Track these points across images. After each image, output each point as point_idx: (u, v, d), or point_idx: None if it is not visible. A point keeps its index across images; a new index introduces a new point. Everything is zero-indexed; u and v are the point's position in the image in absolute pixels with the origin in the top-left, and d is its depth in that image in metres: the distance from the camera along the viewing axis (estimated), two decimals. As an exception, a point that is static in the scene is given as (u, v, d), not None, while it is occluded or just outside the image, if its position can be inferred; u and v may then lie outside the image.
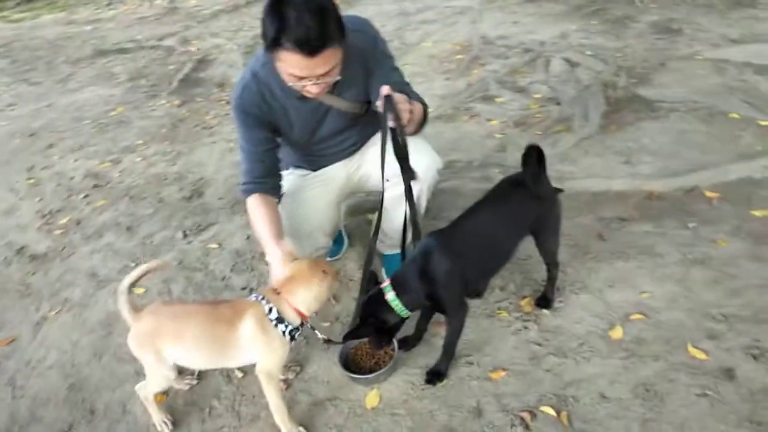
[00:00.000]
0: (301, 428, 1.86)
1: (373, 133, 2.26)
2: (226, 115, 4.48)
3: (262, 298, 1.75)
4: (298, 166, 2.32)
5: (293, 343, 1.80)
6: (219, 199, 3.26)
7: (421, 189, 2.11)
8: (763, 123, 3.23)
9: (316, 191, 2.22)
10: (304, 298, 1.75)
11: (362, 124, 2.20)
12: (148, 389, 1.85)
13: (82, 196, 3.51)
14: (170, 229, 3.04)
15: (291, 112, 2.01)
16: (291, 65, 1.68)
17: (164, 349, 1.71)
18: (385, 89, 1.75)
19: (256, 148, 1.99)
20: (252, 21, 7.05)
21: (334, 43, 1.65)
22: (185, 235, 2.97)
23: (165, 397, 2.02)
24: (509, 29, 5.32)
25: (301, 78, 1.72)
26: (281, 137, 2.12)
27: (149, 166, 3.79)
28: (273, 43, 1.64)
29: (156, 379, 1.80)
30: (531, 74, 4.33)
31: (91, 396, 2.12)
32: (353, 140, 2.25)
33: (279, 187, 2.07)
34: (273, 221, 1.93)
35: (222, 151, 3.85)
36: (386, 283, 1.84)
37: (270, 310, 1.72)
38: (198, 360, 1.79)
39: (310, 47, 1.61)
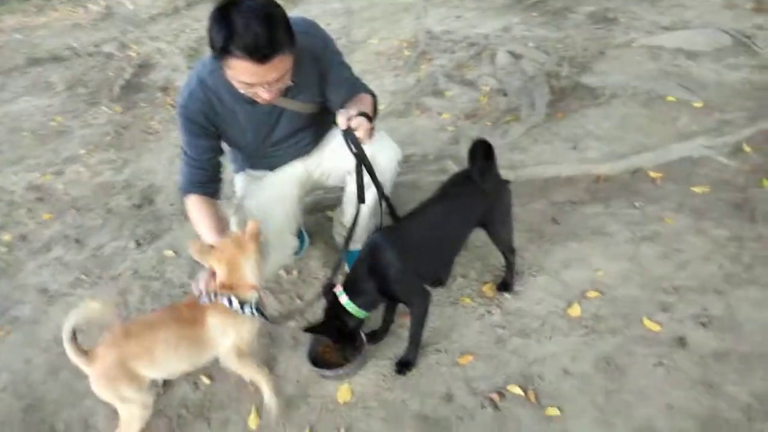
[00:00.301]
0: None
1: (329, 130, 2.27)
2: (172, 119, 4.37)
3: (215, 296, 1.72)
4: (254, 168, 2.29)
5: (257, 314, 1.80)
6: (171, 206, 3.18)
7: (383, 180, 2.11)
8: (697, 105, 3.40)
9: (277, 191, 2.20)
10: (251, 273, 1.75)
11: (317, 123, 2.19)
12: (131, 431, 1.72)
13: (25, 210, 3.35)
14: (122, 239, 2.95)
15: (242, 117, 1.98)
16: (241, 73, 1.66)
17: (140, 368, 1.65)
18: (342, 123, 1.78)
19: (199, 155, 1.97)
20: (193, 23, 6.89)
21: (284, 49, 1.64)
22: (138, 244, 2.88)
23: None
24: (453, 24, 5.40)
25: (252, 85, 1.71)
26: (231, 144, 2.10)
27: (95, 176, 3.66)
28: (222, 51, 1.62)
29: (136, 413, 1.70)
30: (477, 67, 4.41)
31: (51, 416, 2.04)
32: (309, 139, 2.24)
33: (219, 190, 2.07)
34: (214, 218, 1.93)
35: (170, 157, 3.75)
36: (339, 288, 1.86)
37: (230, 302, 1.71)
38: (176, 367, 1.75)
39: (260, 54, 1.60)
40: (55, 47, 6.68)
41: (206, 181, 2.00)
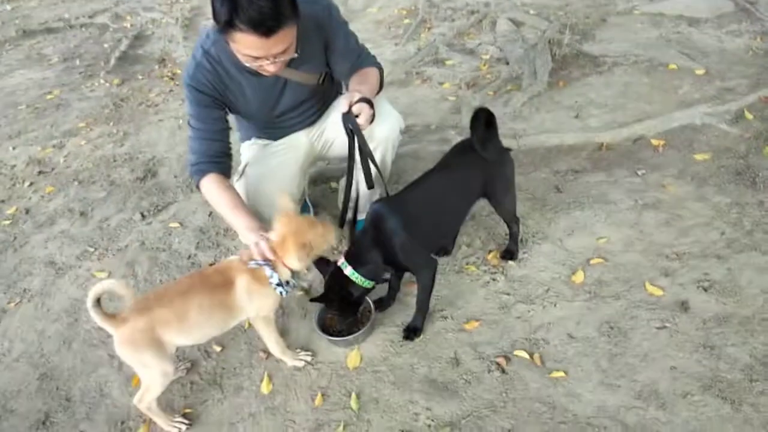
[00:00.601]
0: (301, 352, 2.01)
1: (333, 100, 2.27)
2: (171, 91, 4.34)
3: (262, 264, 1.75)
4: (259, 137, 2.30)
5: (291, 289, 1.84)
6: (175, 178, 3.18)
7: (385, 148, 2.13)
8: (699, 72, 3.39)
9: (281, 158, 2.21)
10: (293, 258, 1.76)
11: (322, 92, 2.19)
12: (149, 395, 1.74)
13: (27, 184, 3.35)
14: (126, 211, 2.96)
15: (247, 89, 1.98)
16: (246, 46, 1.65)
17: (166, 335, 1.67)
18: (344, 106, 1.79)
19: (210, 127, 1.96)
20: (187, -7, 6.78)
21: (288, 21, 1.63)
22: (143, 217, 2.89)
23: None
24: (453, -8, 5.33)
25: (257, 58, 1.70)
26: (239, 113, 2.09)
27: (95, 149, 3.64)
28: (226, 25, 1.60)
29: (156, 379, 1.72)
30: (478, 36, 4.38)
31: (65, 384, 2.07)
32: (314, 110, 2.24)
33: (230, 167, 2.04)
34: (238, 199, 1.91)
35: (171, 129, 3.73)
36: (342, 260, 1.88)
37: (272, 275, 1.74)
38: (205, 332, 1.78)
39: (265, 28, 1.58)
40: (48, 18, 6.57)
41: (221, 154, 1.98)
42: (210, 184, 1.93)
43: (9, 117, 4.29)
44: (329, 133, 2.27)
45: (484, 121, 1.94)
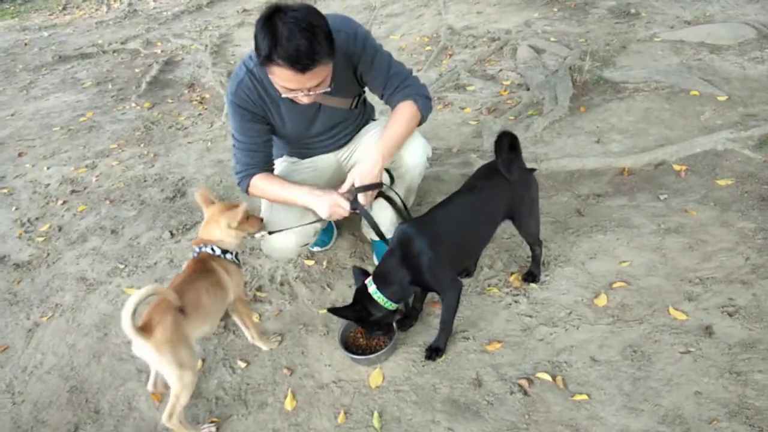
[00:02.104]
0: (272, 336, 2.25)
1: (364, 123, 2.34)
2: (200, 115, 4.47)
3: (199, 249, 1.98)
4: (290, 155, 2.37)
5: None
6: (202, 198, 3.26)
7: (412, 176, 2.19)
8: (721, 99, 3.40)
9: (307, 176, 2.28)
10: (218, 235, 1.98)
11: (354, 116, 2.27)
12: (180, 404, 1.76)
13: (60, 202, 3.46)
14: (156, 230, 3.04)
15: (284, 110, 2.06)
16: (282, 79, 1.73)
17: (192, 326, 1.78)
18: (347, 191, 1.98)
19: (254, 139, 2.05)
20: (216, 21, 7.00)
21: (324, 59, 1.70)
22: (172, 235, 2.97)
23: (162, 397, 2.03)
24: (474, 20, 5.43)
25: (293, 90, 1.78)
26: (274, 132, 2.17)
27: (127, 170, 3.76)
28: (266, 59, 1.68)
29: (189, 380, 1.74)
30: (499, 62, 4.45)
31: (95, 396, 2.13)
32: (345, 132, 2.31)
33: (273, 172, 2.17)
34: (289, 182, 2.08)
35: (200, 151, 3.84)
36: (369, 279, 1.92)
37: (212, 249, 1.97)
38: (213, 315, 1.91)
39: (301, 65, 1.66)
40: (82, 44, 6.83)
41: (265, 161, 2.11)
42: (259, 180, 2.08)
43: (44, 138, 4.45)
44: (359, 154, 2.33)
45: (508, 143, 1.98)
